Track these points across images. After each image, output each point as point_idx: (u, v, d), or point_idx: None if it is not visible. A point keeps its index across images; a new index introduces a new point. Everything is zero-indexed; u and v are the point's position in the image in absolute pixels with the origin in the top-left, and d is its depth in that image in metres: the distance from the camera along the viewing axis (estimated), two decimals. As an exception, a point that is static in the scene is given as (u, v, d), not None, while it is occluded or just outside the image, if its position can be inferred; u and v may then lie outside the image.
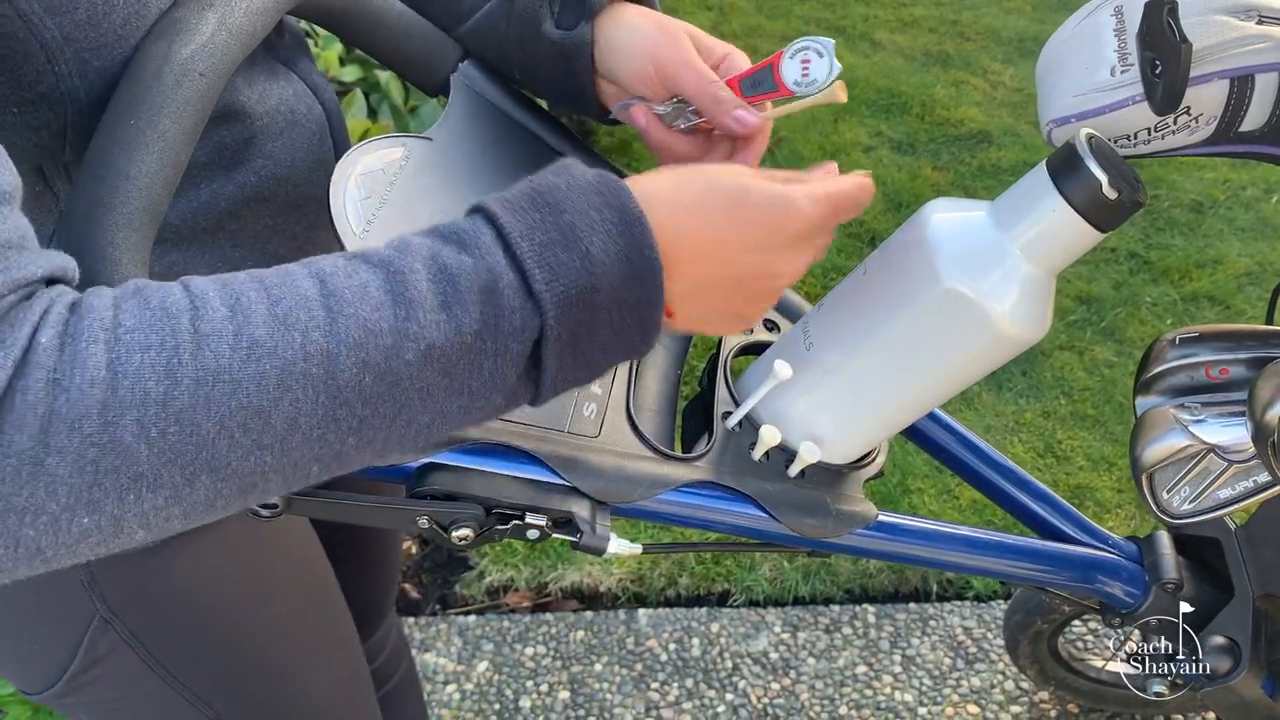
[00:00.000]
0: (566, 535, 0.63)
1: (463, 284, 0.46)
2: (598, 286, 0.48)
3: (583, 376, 0.51)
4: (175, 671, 0.73)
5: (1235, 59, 0.65)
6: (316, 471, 0.45)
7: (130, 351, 0.40)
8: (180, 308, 0.42)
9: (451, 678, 1.64)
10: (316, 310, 0.44)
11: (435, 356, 0.45)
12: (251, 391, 0.41)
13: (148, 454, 0.40)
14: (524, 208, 0.49)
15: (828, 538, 0.72)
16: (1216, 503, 0.70)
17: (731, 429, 0.71)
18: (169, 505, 0.42)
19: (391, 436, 0.46)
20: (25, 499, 0.39)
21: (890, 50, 3.53)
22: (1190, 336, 0.73)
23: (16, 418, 0.38)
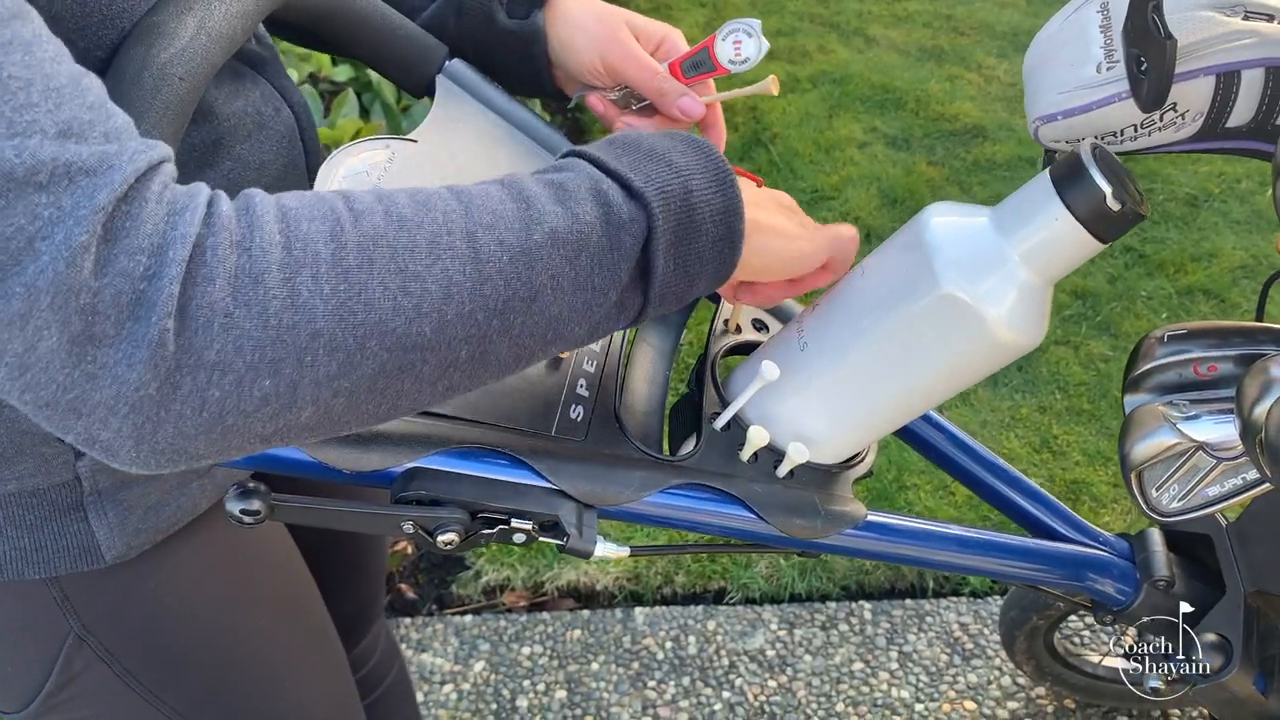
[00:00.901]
0: (553, 539, 0.63)
1: (570, 187, 0.51)
2: (691, 188, 0.53)
3: (683, 289, 0.55)
4: (152, 687, 0.72)
5: (1221, 55, 0.65)
6: (465, 357, 0.48)
7: (298, 221, 0.44)
8: (331, 196, 0.47)
9: (448, 678, 1.64)
10: (450, 200, 0.48)
11: (559, 242, 0.49)
12: (407, 257, 0.45)
13: (323, 310, 0.43)
14: (604, 145, 0.55)
15: (817, 538, 0.71)
16: (1206, 500, 0.70)
17: (719, 430, 0.71)
18: (340, 375, 0.44)
19: (527, 327, 0.49)
20: (215, 353, 0.41)
21: (884, 45, 3.52)
22: (1178, 334, 0.73)
23: (208, 271, 0.41)
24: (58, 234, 0.38)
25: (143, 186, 0.41)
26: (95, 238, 0.39)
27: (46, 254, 0.38)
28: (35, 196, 0.38)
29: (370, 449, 0.59)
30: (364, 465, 0.58)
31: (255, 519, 0.55)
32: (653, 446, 0.70)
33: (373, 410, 0.47)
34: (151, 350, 0.40)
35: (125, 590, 0.69)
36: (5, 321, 0.39)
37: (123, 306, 0.40)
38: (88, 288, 0.39)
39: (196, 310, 0.41)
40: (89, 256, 0.39)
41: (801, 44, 3.50)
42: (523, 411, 0.66)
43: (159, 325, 0.40)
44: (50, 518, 0.64)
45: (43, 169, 0.38)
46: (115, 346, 0.40)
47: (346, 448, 0.58)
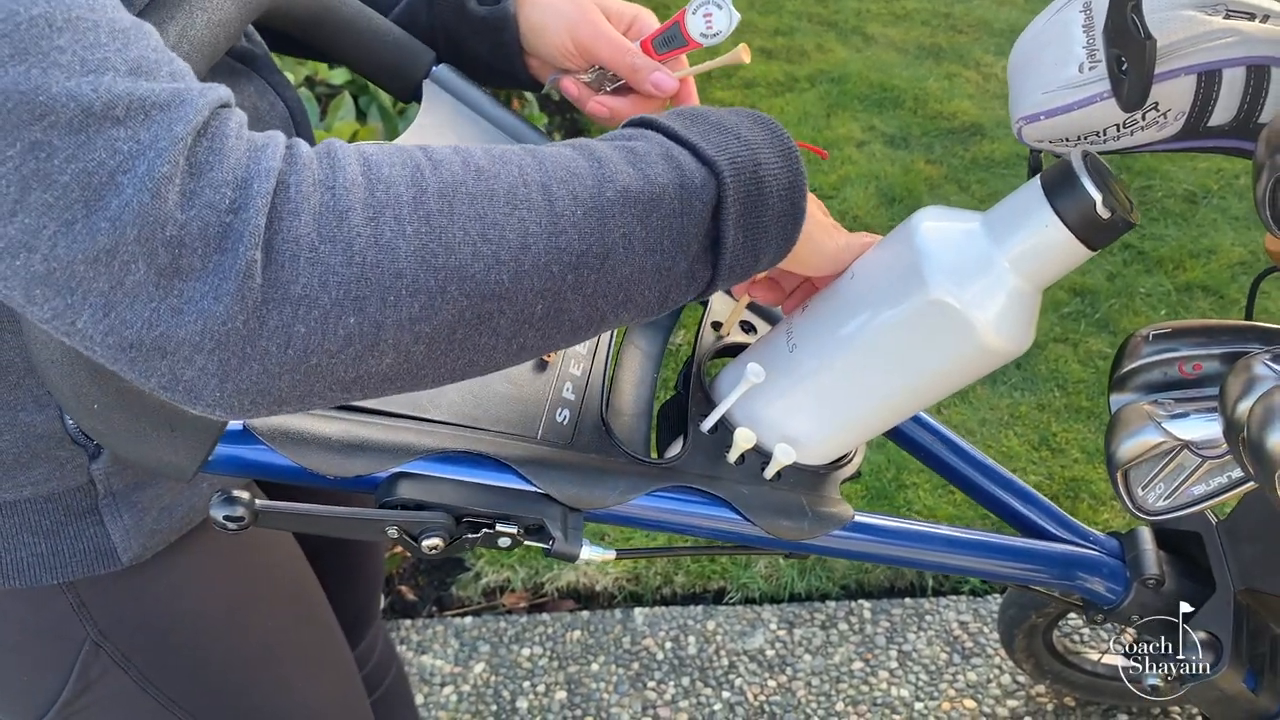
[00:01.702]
0: (538, 543, 0.63)
1: (641, 151, 0.52)
2: (759, 160, 0.53)
3: (749, 261, 0.55)
4: (168, 691, 0.73)
5: (1201, 54, 0.65)
6: (540, 313, 0.48)
7: (380, 165, 0.45)
8: (410, 148, 0.47)
9: (448, 679, 1.65)
10: (524, 156, 0.49)
11: (631, 200, 0.49)
12: (485, 205, 0.46)
13: (405, 250, 0.43)
14: (672, 115, 0.56)
15: (804, 540, 0.71)
16: (1191, 499, 0.70)
17: (706, 432, 0.71)
18: (422, 318, 0.44)
19: (600, 286, 0.50)
20: (302, 287, 0.41)
21: (882, 44, 3.52)
22: (1164, 332, 0.73)
23: (293, 206, 0.41)
24: (139, 166, 0.39)
25: (220, 123, 0.42)
26: (178, 170, 0.39)
27: (130, 187, 0.38)
28: (113, 131, 0.38)
29: (355, 454, 0.59)
30: (348, 470, 0.59)
31: (239, 525, 0.55)
32: (640, 449, 0.70)
33: (450, 364, 0.48)
34: (238, 283, 0.40)
35: (139, 594, 0.69)
36: (90, 258, 0.38)
37: (209, 239, 0.40)
38: (174, 220, 0.39)
39: (283, 244, 0.41)
40: (173, 188, 0.39)
41: (799, 43, 3.50)
42: (508, 415, 0.66)
43: (246, 257, 0.40)
44: (66, 522, 0.64)
45: (119, 103, 0.39)
46: (202, 279, 0.40)
47: (331, 453, 0.59)
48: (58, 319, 0.40)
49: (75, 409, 0.52)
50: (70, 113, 0.38)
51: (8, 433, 0.60)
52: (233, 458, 0.58)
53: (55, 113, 0.38)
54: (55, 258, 0.39)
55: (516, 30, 0.74)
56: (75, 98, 0.38)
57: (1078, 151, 0.60)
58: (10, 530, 0.63)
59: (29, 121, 0.37)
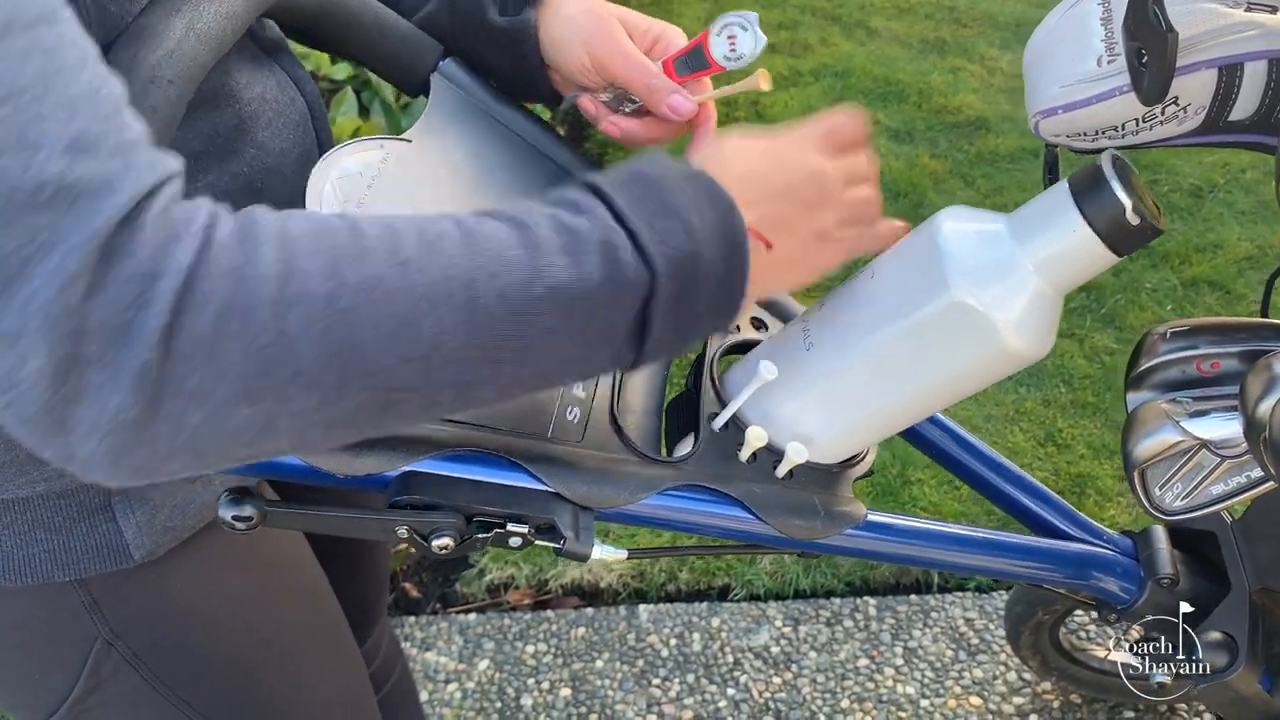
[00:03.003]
0: (549, 542, 0.62)
1: (582, 237, 0.50)
2: (700, 253, 0.52)
3: (677, 345, 0.54)
4: (179, 690, 0.72)
5: (1223, 47, 0.64)
6: (449, 399, 0.48)
7: (299, 254, 0.43)
8: (339, 226, 0.46)
9: (453, 676, 1.64)
10: (458, 243, 0.47)
11: (560, 297, 0.48)
12: (404, 303, 0.45)
13: (309, 350, 0.43)
14: (627, 184, 0.53)
15: (816, 539, 0.71)
16: (1210, 498, 0.69)
17: (718, 430, 0.70)
18: (319, 409, 0.44)
19: (515, 376, 0.49)
20: (196, 382, 0.41)
21: (886, 38, 3.51)
22: (1181, 330, 0.72)
23: (198, 301, 0.41)
24: (51, 260, 0.38)
25: (143, 210, 0.41)
26: (89, 266, 0.39)
27: (39, 279, 0.38)
28: (35, 217, 0.38)
29: (364, 453, 0.58)
30: (358, 469, 0.58)
31: (248, 525, 0.54)
32: (650, 447, 0.70)
33: (349, 437, 0.48)
34: (136, 377, 0.40)
35: (151, 593, 0.69)
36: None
37: (111, 332, 0.39)
38: (78, 312, 0.39)
39: (183, 342, 0.40)
40: (81, 282, 0.39)
41: (803, 37, 3.49)
42: (519, 414, 0.66)
43: (144, 355, 0.40)
44: (79, 518, 0.64)
45: (46, 187, 0.38)
46: (100, 370, 0.40)
47: (340, 452, 0.58)
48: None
49: None
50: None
51: None
52: (241, 457, 0.57)
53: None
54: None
55: (537, 43, 0.72)
56: (4, 177, 0.37)
57: (1107, 155, 0.59)
58: (23, 527, 0.63)
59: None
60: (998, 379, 0.65)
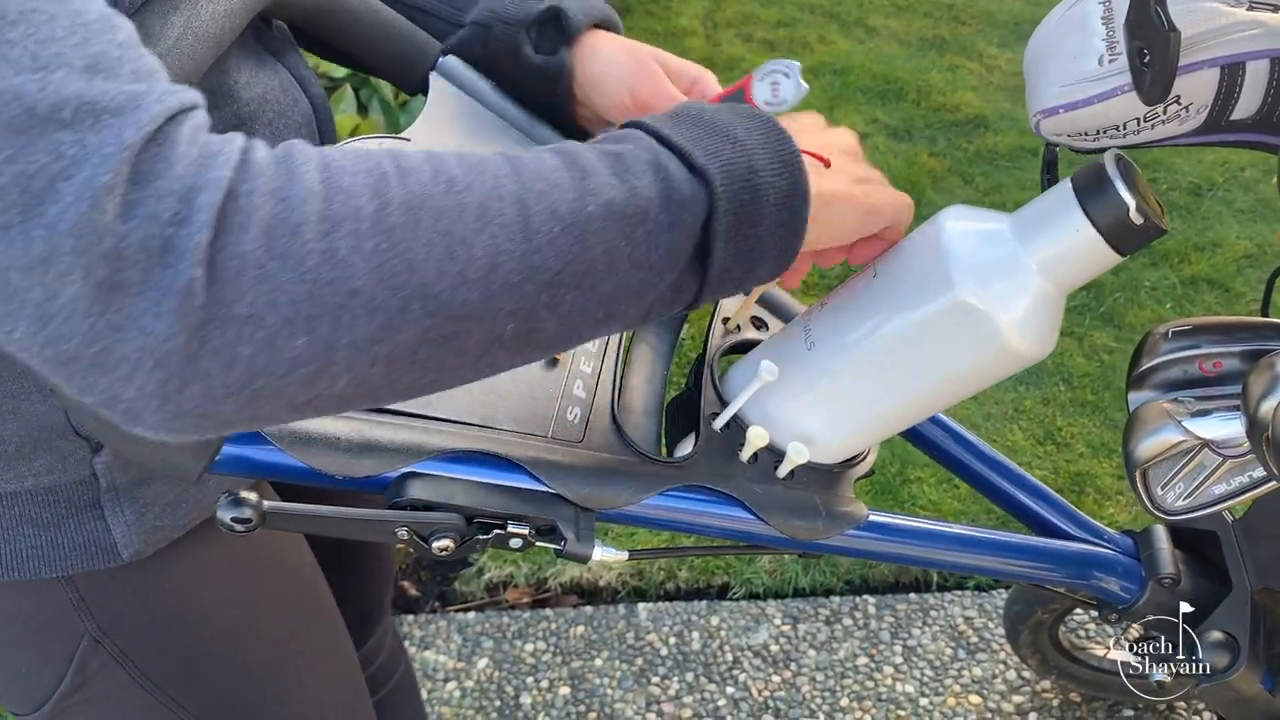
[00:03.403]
0: (550, 543, 0.62)
1: (628, 159, 0.48)
2: (755, 167, 0.50)
3: (741, 275, 0.52)
4: (167, 689, 0.72)
5: (1225, 46, 0.64)
6: (511, 333, 0.46)
7: (341, 174, 0.42)
8: (378, 151, 0.45)
9: (452, 675, 1.64)
10: (502, 165, 0.46)
11: (615, 215, 0.47)
12: (454, 219, 0.43)
13: (363, 268, 0.41)
14: (665, 117, 0.52)
15: (818, 539, 0.71)
16: (1212, 498, 0.69)
17: (718, 430, 0.70)
18: (380, 339, 0.42)
19: (577, 305, 0.47)
20: (247, 306, 0.39)
21: (885, 36, 3.51)
22: (1183, 329, 0.72)
23: (241, 219, 0.39)
24: (80, 174, 0.37)
25: (173, 129, 0.39)
26: (121, 179, 0.37)
27: (69, 195, 0.37)
28: (59, 134, 0.37)
29: (364, 454, 0.58)
30: (357, 470, 0.58)
31: (247, 527, 0.54)
32: (651, 448, 0.70)
33: (411, 383, 0.45)
34: (180, 299, 0.38)
35: (141, 591, 0.68)
36: (26, 267, 0.37)
37: (150, 252, 0.38)
38: (113, 232, 0.37)
39: (228, 260, 0.39)
40: (114, 199, 0.37)
41: (802, 35, 3.49)
42: (519, 414, 0.65)
43: (188, 273, 0.38)
44: (67, 515, 0.63)
45: (67, 105, 0.37)
46: (142, 295, 0.38)
47: (340, 453, 0.58)
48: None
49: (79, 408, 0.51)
50: (13, 111, 0.36)
51: (11, 421, 0.60)
52: (239, 458, 0.57)
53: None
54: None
55: (570, 83, 0.72)
56: (19, 96, 0.36)
57: (1110, 154, 0.59)
58: (10, 522, 0.63)
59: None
60: (1000, 379, 0.65)
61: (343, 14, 0.71)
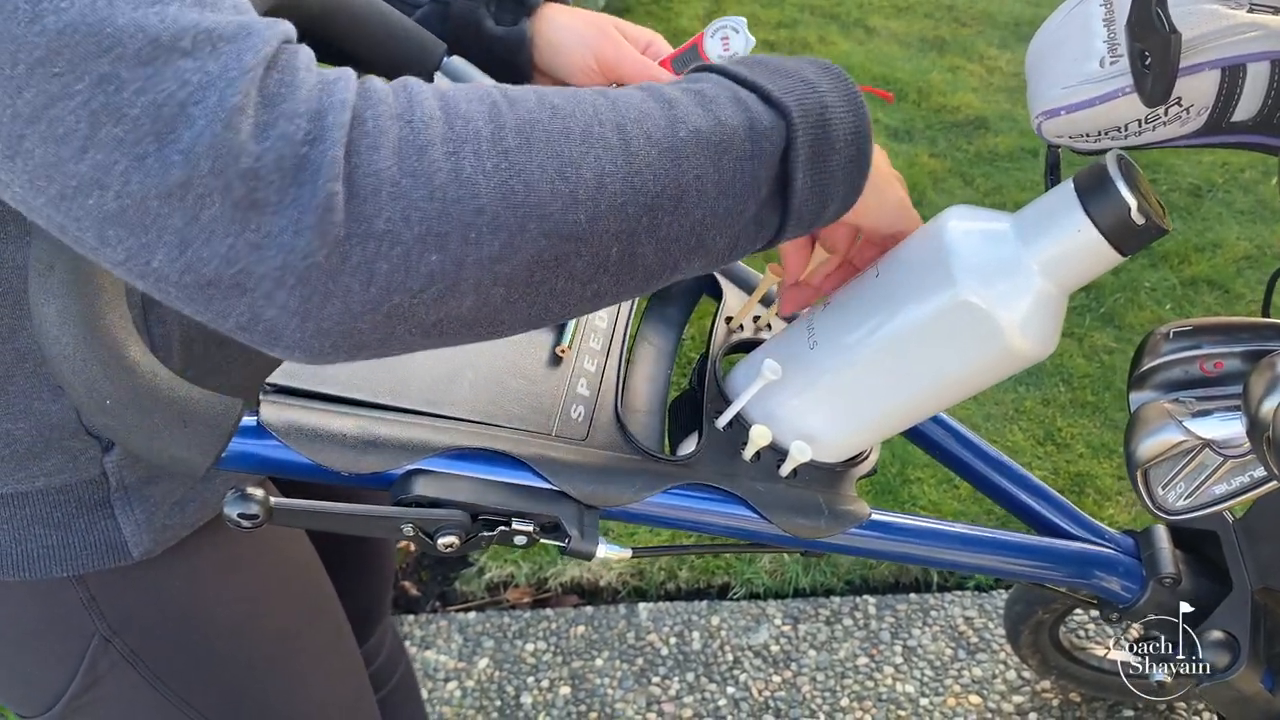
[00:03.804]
0: (554, 540, 0.62)
1: (709, 94, 0.51)
2: (826, 104, 0.53)
3: (817, 207, 0.54)
4: (177, 689, 0.72)
5: (1226, 48, 0.64)
6: (615, 256, 0.47)
7: (457, 101, 0.44)
8: (483, 85, 0.47)
9: (452, 675, 1.64)
10: (597, 97, 0.49)
11: (704, 142, 0.49)
12: (562, 143, 0.45)
13: (486, 186, 0.42)
14: (734, 64, 0.54)
15: (820, 538, 0.71)
16: (1213, 498, 0.69)
17: (721, 428, 0.71)
18: (502, 257, 0.43)
19: (673, 229, 0.49)
20: (384, 221, 0.40)
21: (885, 36, 3.51)
22: (1184, 330, 0.72)
23: (371, 140, 0.40)
24: (210, 97, 0.38)
25: (289, 56, 0.41)
26: (250, 101, 0.38)
27: (202, 118, 0.37)
28: (182, 62, 0.38)
29: (369, 451, 0.58)
30: (363, 467, 0.58)
31: (253, 523, 0.54)
32: (654, 446, 0.70)
33: (527, 309, 0.47)
34: (319, 215, 0.39)
35: (150, 590, 0.69)
36: (164, 193, 0.38)
37: (286, 171, 0.39)
38: (248, 151, 0.38)
39: (363, 178, 0.40)
40: (246, 119, 0.38)
41: (802, 36, 3.49)
42: (523, 412, 0.66)
43: (326, 189, 0.39)
44: (78, 514, 0.64)
45: (185, 35, 0.38)
46: (280, 213, 0.39)
47: (346, 449, 0.58)
48: (132, 259, 0.39)
49: (87, 405, 0.51)
50: (138, 44, 0.37)
51: (23, 420, 0.60)
52: (246, 454, 0.57)
53: (123, 44, 0.37)
54: (128, 194, 0.38)
55: (531, 54, 0.75)
56: (143, 28, 0.37)
57: (1112, 155, 0.59)
58: (21, 522, 0.63)
59: (96, 54, 0.37)
60: (1002, 378, 0.65)
61: (346, 16, 0.72)
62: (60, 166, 0.37)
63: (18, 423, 0.60)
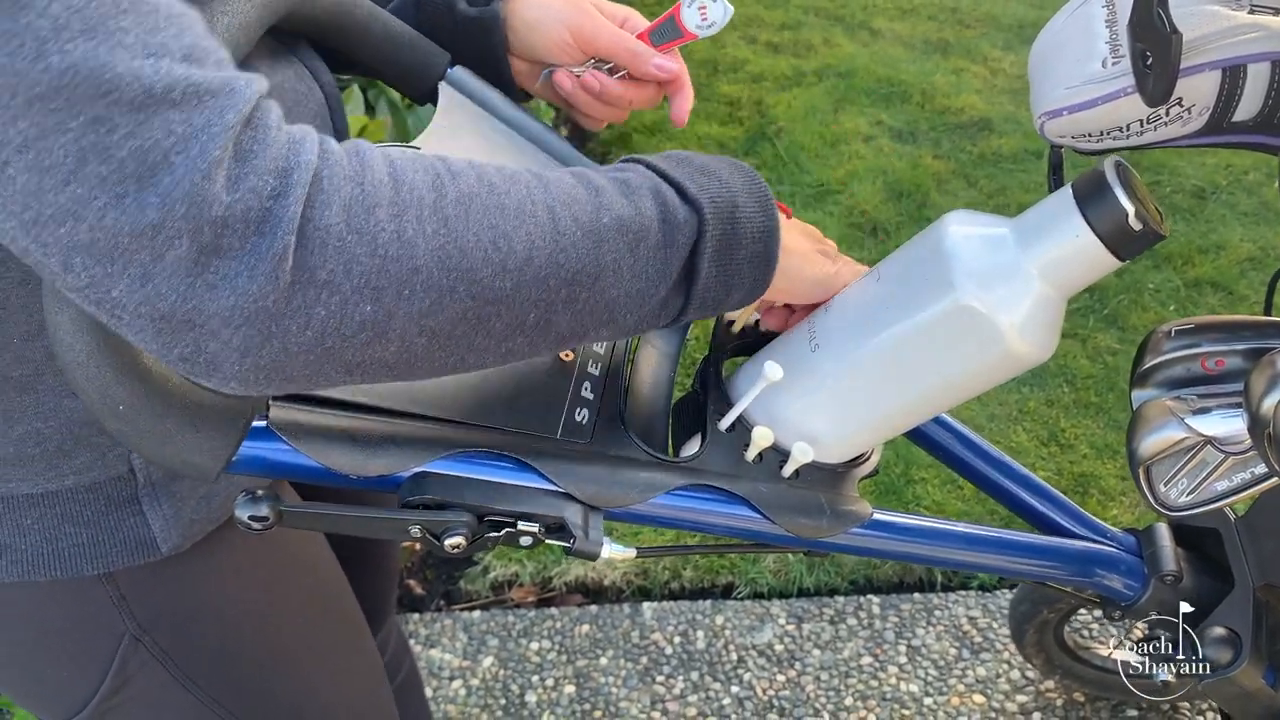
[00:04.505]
0: (559, 541, 0.63)
1: (633, 184, 0.56)
2: (737, 204, 0.58)
3: (720, 296, 0.60)
4: (205, 686, 0.73)
5: (1227, 49, 0.65)
6: (532, 321, 0.52)
7: (404, 169, 0.49)
8: (429, 155, 0.51)
9: (457, 673, 1.65)
10: (531, 178, 0.53)
11: (624, 229, 0.54)
12: (497, 216, 0.50)
13: (424, 248, 0.47)
14: (659, 157, 0.60)
15: (823, 537, 0.71)
16: (1214, 495, 0.70)
17: (724, 430, 0.71)
18: (430, 313, 0.48)
19: (588, 304, 0.54)
20: (327, 273, 0.44)
21: (889, 38, 3.51)
22: (1186, 328, 0.73)
23: (325, 198, 0.45)
24: (193, 148, 0.41)
25: (264, 113, 0.44)
26: (228, 154, 0.42)
27: (183, 167, 0.41)
28: (170, 113, 0.41)
29: (376, 454, 0.59)
30: (371, 470, 0.58)
31: (264, 525, 0.55)
32: (658, 448, 0.70)
33: (444, 359, 0.51)
34: (274, 263, 0.43)
35: (178, 587, 0.69)
36: (136, 232, 0.40)
37: (251, 222, 0.42)
38: (220, 201, 0.41)
39: (314, 231, 0.44)
40: (222, 171, 0.42)
41: (806, 37, 3.49)
42: (528, 415, 0.66)
43: (283, 240, 0.43)
44: (107, 512, 0.64)
45: (176, 87, 0.41)
46: (239, 258, 0.42)
47: (354, 453, 0.58)
48: (93, 287, 0.42)
49: (100, 410, 0.51)
50: (134, 91, 0.40)
51: (53, 419, 0.60)
52: (257, 458, 0.58)
53: (119, 90, 0.40)
54: (102, 228, 0.40)
55: (504, 35, 0.76)
56: (139, 77, 0.40)
57: (1110, 161, 0.59)
58: (51, 521, 0.64)
59: (94, 96, 0.39)
60: (1002, 380, 0.65)
61: (353, 26, 0.72)
62: (40, 195, 0.40)
63: (48, 421, 0.60)
